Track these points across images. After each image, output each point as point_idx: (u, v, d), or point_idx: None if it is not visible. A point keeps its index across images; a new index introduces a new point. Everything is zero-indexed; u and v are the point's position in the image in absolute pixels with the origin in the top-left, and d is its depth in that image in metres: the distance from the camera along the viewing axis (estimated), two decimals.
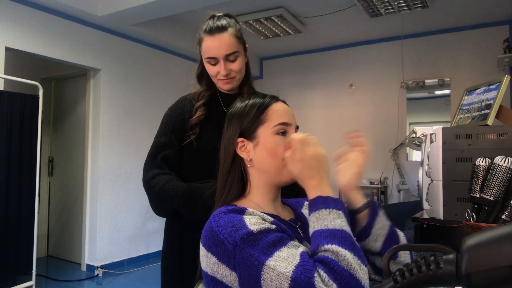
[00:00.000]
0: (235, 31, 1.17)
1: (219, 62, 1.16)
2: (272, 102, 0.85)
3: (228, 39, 1.15)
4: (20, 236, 2.97)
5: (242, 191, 0.84)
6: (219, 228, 0.70)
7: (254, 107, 0.84)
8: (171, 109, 1.28)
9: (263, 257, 0.65)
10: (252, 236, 0.67)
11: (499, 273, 0.39)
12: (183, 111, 1.23)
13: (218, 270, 0.68)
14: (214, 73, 1.19)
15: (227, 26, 1.16)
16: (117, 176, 3.99)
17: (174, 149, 1.21)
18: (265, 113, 0.83)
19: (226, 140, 0.86)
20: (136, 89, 4.22)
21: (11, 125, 2.92)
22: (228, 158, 0.84)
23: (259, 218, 0.73)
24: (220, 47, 1.14)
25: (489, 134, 1.26)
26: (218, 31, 1.14)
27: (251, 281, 0.64)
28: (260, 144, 0.82)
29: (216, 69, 1.17)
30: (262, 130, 0.82)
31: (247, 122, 0.83)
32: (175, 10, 3.48)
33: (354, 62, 4.93)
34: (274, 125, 0.82)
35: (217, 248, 0.68)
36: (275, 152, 0.81)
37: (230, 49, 1.15)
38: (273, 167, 0.81)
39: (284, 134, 0.82)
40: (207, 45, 1.16)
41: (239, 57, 1.18)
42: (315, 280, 0.61)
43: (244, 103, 0.86)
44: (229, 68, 1.17)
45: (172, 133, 1.22)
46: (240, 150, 0.83)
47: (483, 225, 1.03)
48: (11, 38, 3.12)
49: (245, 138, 0.83)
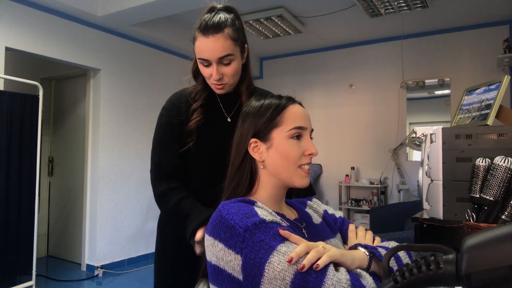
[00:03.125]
0: (232, 32, 1.06)
1: (211, 64, 1.07)
2: (289, 104, 0.83)
3: (223, 42, 1.04)
4: (20, 236, 2.96)
5: (249, 189, 0.84)
6: (230, 215, 0.69)
7: (270, 108, 0.82)
8: (166, 109, 1.18)
9: (274, 242, 0.65)
10: (264, 224, 0.67)
11: (499, 273, 0.39)
12: (180, 112, 1.15)
13: (223, 257, 0.68)
14: (207, 74, 1.10)
15: (223, 25, 1.04)
16: (117, 176, 3.99)
17: (178, 155, 1.14)
18: (280, 115, 0.81)
19: (239, 138, 0.85)
20: (136, 89, 4.22)
21: (11, 125, 2.92)
22: (239, 156, 0.84)
23: (268, 212, 0.73)
24: (213, 50, 1.04)
25: (489, 134, 1.26)
26: (212, 31, 1.03)
27: (255, 265, 0.63)
28: (273, 147, 0.81)
29: (209, 71, 1.08)
30: (276, 132, 0.81)
31: (261, 123, 0.82)
32: (175, 10, 3.48)
33: (354, 62, 4.93)
34: (289, 129, 0.80)
35: (226, 234, 0.68)
36: (289, 156, 0.80)
37: (224, 52, 1.05)
38: (285, 171, 0.81)
39: (298, 138, 0.81)
40: (200, 45, 1.06)
41: (234, 61, 1.08)
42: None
43: (260, 103, 0.84)
44: (221, 72, 1.08)
45: (173, 139, 1.15)
46: (253, 151, 0.82)
47: (483, 225, 1.03)
48: (11, 38, 3.12)
49: (258, 139, 0.82)
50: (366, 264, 0.72)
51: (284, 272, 0.61)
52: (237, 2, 1.16)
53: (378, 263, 0.74)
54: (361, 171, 4.85)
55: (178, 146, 1.14)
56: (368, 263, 0.72)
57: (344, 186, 4.87)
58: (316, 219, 0.91)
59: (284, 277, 0.61)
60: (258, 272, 0.63)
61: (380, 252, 0.74)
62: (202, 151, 1.14)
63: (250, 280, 0.64)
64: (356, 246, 0.76)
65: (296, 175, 0.81)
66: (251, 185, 0.84)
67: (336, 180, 4.93)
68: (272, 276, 0.62)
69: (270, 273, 0.62)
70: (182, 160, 1.15)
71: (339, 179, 4.89)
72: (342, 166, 4.88)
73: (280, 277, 0.61)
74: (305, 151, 0.81)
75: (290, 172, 0.81)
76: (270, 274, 0.62)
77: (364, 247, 0.75)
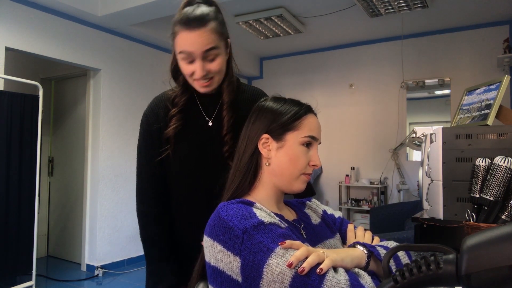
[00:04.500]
0: (216, 25, 0.98)
1: (195, 60, 0.99)
2: (309, 113, 0.86)
3: (208, 35, 0.96)
4: (20, 236, 2.96)
5: (250, 185, 0.84)
6: (229, 216, 0.69)
7: (291, 111, 0.84)
8: (145, 116, 1.14)
9: (273, 244, 0.64)
10: (262, 226, 0.67)
11: (499, 273, 0.39)
12: (158, 119, 1.10)
13: (221, 259, 0.68)
14: (189, 72, 1.01)
15: (207, 18, 0.97)
16: (117, 176, 3.99)
17: (157, 164, 1.11)
18: (299, 120, 0.83)
19: (252, 132, 0.84)
20: (136, 89, 4.22)
21: (11, 125, 2.92)
22: (249, 150, 0.84)
23: (267, 214, 0.73)
24: (197, 43, 0.96)
25: (489, 134, 1.26)
26: (196, 24, 0.96)
27: (254, 267, 0.63)
28: (284, 148, 0.82)
29: (192, 68, 1.00)
30: (291, 136, 0.82)
31: (280, 122, 0.82)
32: (175, 10, 3.45)
33: (354, 62, 4.93)
34: (304, 135, 0.82)
35: (225, 236, 0.68)
36: (296, 161, 0.81)
37: (209, 45, 0.97)
38: (288, 174, 0.82)
39: (308, 146, 0.83)
40: (182, 40, 0.98)
41: (219, 56, 1.00)
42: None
43: (281, 103, 0.86)
44: (207, 68, 0.99)
45: (151, 147, 1.11)
46: (262, 146, 0.83)
47: (483, 225, 1.03)
48: (11, 38, 3.12)
49: (271, 136, 0.83)
50: (365, 262, 0.72)
51: (283, 275, 0.61)
52: (237, 2, 1.16)
53: (376, 262, 0.74)
54: (361, 171, 4.85)
55: (157, 154, 1.09)
56: (366, 261, 0.72)
57: (344, 186, 4.87)
58: (315, 219, 0.91)
59: (283, 279, 0.61)
60: (256, 274, 0.63)
61: (379, 251, 0.74)
62: (181, 158, 1.09)
63: (249, 282, 0.64)
64: (354, 245, 0.77)
65: (298, 181, 0.83)
66: (252, 183, 0.84)
67: (336, 180, 4.93)
68: (270, 279, 0.62)
69: (269, 275, 0.62)
70: (162, 168, 1.11)
71: (339, 179, 4.89)
72: (342, 166, 4.88)
73: (279, 279, 0.61)
74: (310, 161, 0.83)
75: (293, 176, 0.82)
76: (268, 277, 0.62)
77: (363, 246, 0.75)
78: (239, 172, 0.84)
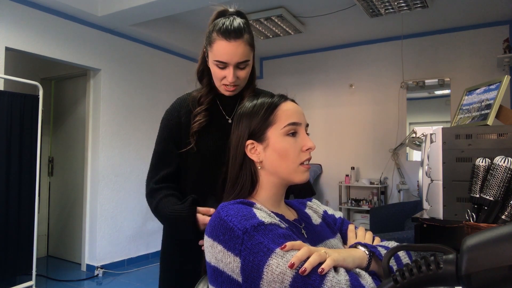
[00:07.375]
0: (249, 38, 1.11)
1: (228, 67, 1.09)
2: (281, 102, 0.83)
3: (244, 48, 1.08)
4: (20, 236, 2.96)
5: (251, 190, 0.84)
6: (229, 217, 0.69)
7: (263, 108, 0.82)
8: (167, 112, 1.23)
9: (273, 245, 0.64)
10: (263, 226, 0.67)
11: (499, 273, 0.39)
12: (179, 114, 1.19)
13: (222, 259, 0.68)
14: (220, 76, 1.12)
15: (243, 31, 1.08)
16: (117, 176, 3.99)
17: (173, 157, 1.18)
18: (273, 113, 0.81)
19: (235, 141, 0.85)
20: (136, 89, 4.22)
21: (11, 125, 2.92)
22: (237, 159, 0.84)
23: (267, 214, 0.73)
24: (234, 54, 1.07)
25: (489, 134, 1.26)
26: (234, 36, 1.06)
27: (254, 267, 0.63)
28: (270, 146, 0.81)
29: (224, 73, 1.11)
30: (271, 131, 0.81)
31: (256, 123, 0.82)
32: (175, 10, 3.48)
33: (354, 62, 4.93)
34: (284, 126, 0.80)
35: (225, 236, 0.68)
36: (286, 154, 0.80)
37: (244, 58, 1.09)
38: (284, 169, 0.81)
39: (294, 134, 0.81)
40: (221, 48, 1.07)
41: (249, 66, 1.14)
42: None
43: (253, 103, 0.85)
44: (237, 75, 1.11)
45: (169, 139, 1.19)
46: (250, 152, 0.82)
47: (482, 225, 1.03)
48: (11, 38, 3.12)
49: (254, 140, 0.82)
50: (366, 263, 0.72)
51: (283, 275, 0.61)
52: (237, 2, 1.16)
53: (377, 262, 0.74)
54: (361, 171, 4.85)
55: (175, 147, 1.18)
56: (368, 262, 0.72)
57: (344, 186, 4.87)
58: (315, 219, 0.91)
59: (283, 280, 0.61)
60: (257, 274, 0.63)
61: (380, 251, 0.74)
62: (204, 149, 1.16)
63: (250, 282, 0.64)
64: (356, 245, 0.76)
65: (297, 172, 0.81)
66: (252, 187, 0.84)
67: (336, 180, 4.93)
68: (271, 279, 0.62)
69: (269, 275, 0.62)
70: (181, 161, 1.18)
71: (339, 179, 4.89)
72: (342, 166, 4.88)
73: (279, 279, 0.61)
74: (302, 146, 0.81)
75: (290, 170, 0.81)
76: (269, 277, 0.62)
77: (364, 246, 0.75)
78: (234, 182, 0.84)
